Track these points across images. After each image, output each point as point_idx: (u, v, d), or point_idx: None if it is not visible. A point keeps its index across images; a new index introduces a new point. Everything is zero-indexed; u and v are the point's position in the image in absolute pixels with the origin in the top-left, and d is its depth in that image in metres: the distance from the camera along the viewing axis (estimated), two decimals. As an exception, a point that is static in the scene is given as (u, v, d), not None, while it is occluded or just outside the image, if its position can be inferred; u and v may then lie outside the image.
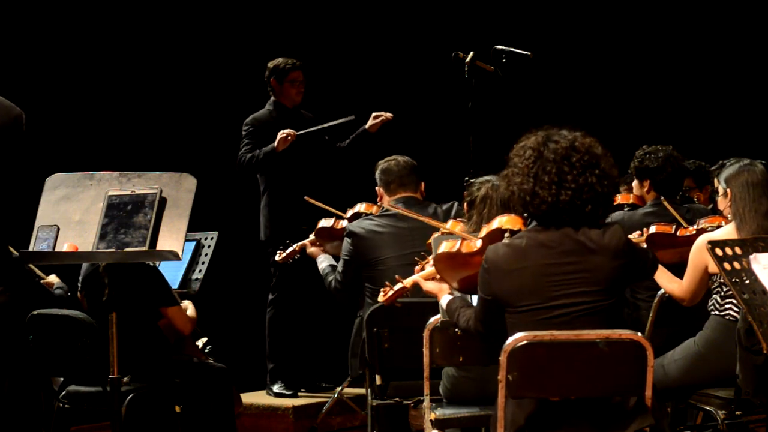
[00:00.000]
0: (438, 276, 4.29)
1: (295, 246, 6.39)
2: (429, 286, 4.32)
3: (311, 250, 6.26)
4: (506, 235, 4.01)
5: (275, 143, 6.97)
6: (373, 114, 7.15)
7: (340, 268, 5.90)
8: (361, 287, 5.89)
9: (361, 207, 6.10)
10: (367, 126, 7.15)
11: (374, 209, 6.03)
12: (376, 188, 6.02)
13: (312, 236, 6.25)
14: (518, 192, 3.86)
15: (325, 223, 6.17)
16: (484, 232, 4.19)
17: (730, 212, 4.97)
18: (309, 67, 7.38)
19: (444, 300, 4.22)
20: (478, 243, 4.14)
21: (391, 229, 5.70)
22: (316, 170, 7.20)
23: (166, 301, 5.42)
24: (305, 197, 6.41)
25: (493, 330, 3.89)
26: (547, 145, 3.85)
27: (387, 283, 4.56)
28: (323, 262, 6.12)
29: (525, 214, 3.98)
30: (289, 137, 6.95)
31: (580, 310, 3.78)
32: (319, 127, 7.06)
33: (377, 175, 5.99)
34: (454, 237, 4.34)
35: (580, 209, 3.80)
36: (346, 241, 5.83)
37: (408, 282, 4.46)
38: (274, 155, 7.00)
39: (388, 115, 7.13)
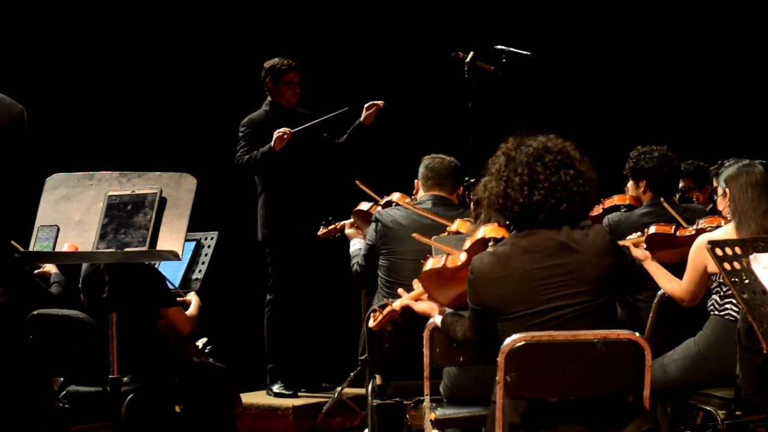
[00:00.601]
0: (427, 295, 4.25)
1: (336, 224, 6.52)
2: (420, 306, 4.27)
3: (349, 231, 6.41)
4: (490, 243, 3.98)
5: (272, 143, 6.96)
6: (366, 105, 7.16)
7: (362, 251, 5.97)
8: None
9: (395, 197, 6.19)
10: (361, 119, 7.17)
11: (407, 201, 6.09)
12: (415, 181, 6.07)
13: (351, 218, 6.40)
14: (491, 197, 3.86)
15: (363, 206, 6.32)
16: (467, 244, 4.15)
17: (729, 212, 4.97)
18: (308, 68, 7.38)
19: (437, 319, 4.18)
20: (462, 256, 4.09)
21: (414, 224, 5.72)
22: (314, 168, 7.19)
23: (165, 302, 5.43)
24: (356, 182, 6.47)
25: (488, 337, 3.88)
26: (519, 148, 3.85)
27: (376, 308, 4.49)
28: (355, 244, 6.21)
29: (507, 222, 3.97)
30: (285, 135, 6.95)
31: (571, 312, 3.77)
32: (314, 122, 7.06)
33: (420, 168, 6.02)
34: (440, 253, 4.31)
35: (555, 208, 3.78)
36: (371, 227, 5.91)
37: (397, 305, 4.38)
38: (272, 155, 6.99)
39: (380, 102, 7.15)
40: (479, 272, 3.83)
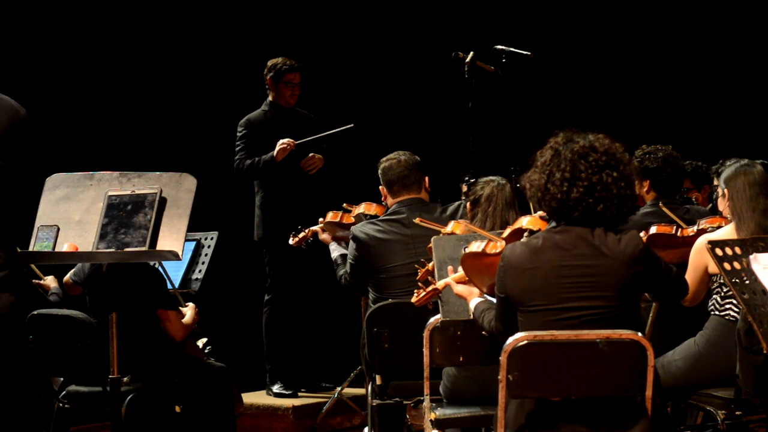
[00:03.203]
0: (467, 279, 4.24)
1: (306, 231, 6.41)
2: (459, 289, 4.27)
3: (323, 236, 6.29)
4: (525, 234, 4.01)
5: (275, 152, 6.94)
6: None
7: (348, 268, 5.80)
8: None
9: (361, 208, 6.06)
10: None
11: (374, 208, 6.00)
12: (380, 187, 5.89)
13: (322, 224, 6.30)
14: (531, 188, 3.89)
15: (330, 216, 6.22)
16: (507, 232, 4.18)
17: (729, 212, 4.97)
18: (309, 67, 7.38)
19: (472, 303, 4.17)
20: (500, 244, 4.11)
21: (395, 236, 5.61)
22: (312, 175, 7.16)
23: (163, 304, 5.42)
24: (418, 219, 5.71)
25: (511, 330, 3.87)
26: (567, 144, 3.86)
27: (420, 284, 4.49)
28: (335, 251, 6.09)
29: (545, 216, 3.98)
30: (288, 147, 6.93)
31: (589, 314, 3.77)
32: (317, 136, 7.04)
33: (379, 174, 5.85)
34: (481, 237, 4.30)
35: (591, 208, 3.79)
36: (351, 246, 5.73)
37: (440, 284, 4.38)
38: (274, 164, 6.98)
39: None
40: (508, 261, 3.84)
